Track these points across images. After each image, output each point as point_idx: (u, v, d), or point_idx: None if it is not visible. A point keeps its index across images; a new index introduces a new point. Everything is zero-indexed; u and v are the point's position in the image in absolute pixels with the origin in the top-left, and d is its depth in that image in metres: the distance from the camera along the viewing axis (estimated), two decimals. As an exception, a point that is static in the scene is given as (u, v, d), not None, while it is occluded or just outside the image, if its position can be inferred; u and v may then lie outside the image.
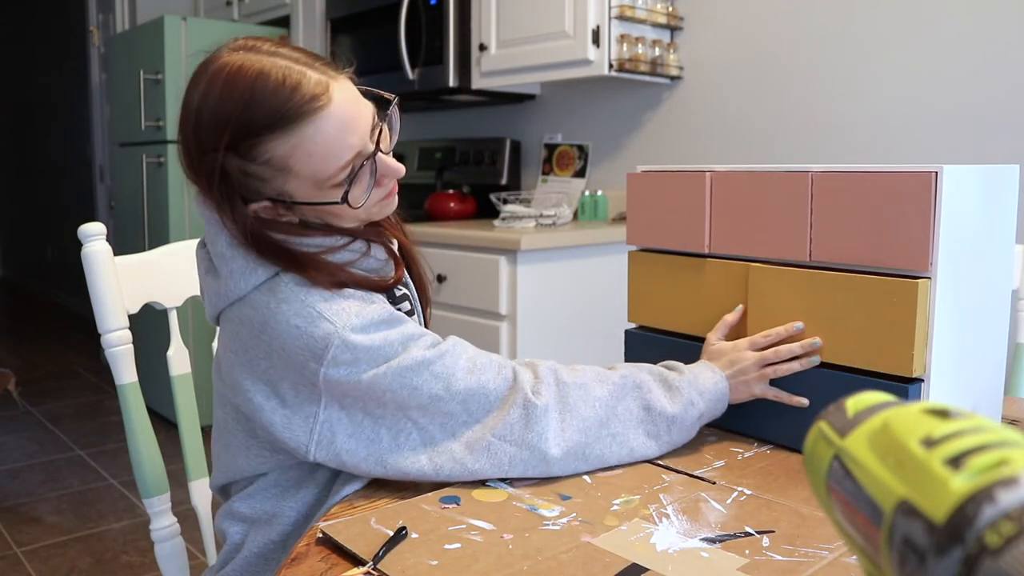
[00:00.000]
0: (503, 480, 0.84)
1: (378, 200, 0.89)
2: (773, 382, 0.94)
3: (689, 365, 0.95)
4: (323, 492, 0.90)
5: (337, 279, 0.84)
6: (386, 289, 0.91)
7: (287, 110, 0.79)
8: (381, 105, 0.88)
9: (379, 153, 0.85)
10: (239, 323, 0.84)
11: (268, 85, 0.79)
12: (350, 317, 0.80)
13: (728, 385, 0.93)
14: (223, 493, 0.98)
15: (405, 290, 0.97)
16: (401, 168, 0.88)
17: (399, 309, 0.92)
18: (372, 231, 0.94)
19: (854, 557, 0.66)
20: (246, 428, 0.89)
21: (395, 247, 0.97)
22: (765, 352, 0.93)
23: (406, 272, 1.00)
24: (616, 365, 0.94)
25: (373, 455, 0.83)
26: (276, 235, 0.85)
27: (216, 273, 0.86)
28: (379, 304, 0.85)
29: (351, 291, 0.84)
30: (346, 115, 0.82)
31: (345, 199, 0.84)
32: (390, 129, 0.88)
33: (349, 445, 0.83)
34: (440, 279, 2.29)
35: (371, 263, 0.89)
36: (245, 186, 0.83)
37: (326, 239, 0.87)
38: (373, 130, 0.85)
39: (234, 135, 0.79)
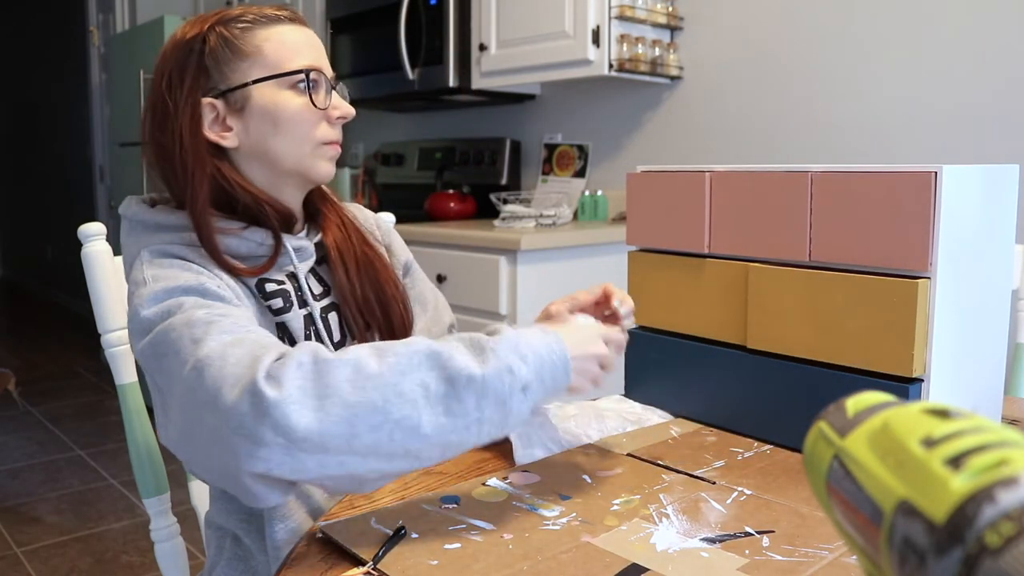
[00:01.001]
0: (502, 479, 0.84)
1: (325, 139, 0.93)
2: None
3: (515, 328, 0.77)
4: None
5: (203, 241, 0.87)
6: (241, 274, 0.89)
7: (272, 12, 0.93)
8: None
9: (334, 88, 0.95)
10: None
11: (257, 7, 0.94)
12: (159, 284, 0.81)
13: (567, 348, 0.75)
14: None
15: (284, 286, 0.93)
16: (351, 110, 0.96)
17: (268, 304, 0.91)
18: (274, 212, 0.92)
19: (854, 557, 0.66)
20: None
21: (302, 242, 0.95)
22: (606, 350, 0.81)
23: (327, 275, 0.99)
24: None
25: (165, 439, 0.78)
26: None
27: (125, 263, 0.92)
28: (189, 274, 0.83)
29: (180, 261, 0.85)
30: (316, 42, 0.95)
31: (311, 97, 0.91)
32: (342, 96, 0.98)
33: (161, 421, 0.78)
34: (440, 279, 2.29)
35: (240, 245, 0.90)
36: (221, 67, 0.90)
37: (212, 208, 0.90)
38: (335, 78, 0.96)
39: (223, 16, 0.92)
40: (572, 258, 2.27)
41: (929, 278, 0.83)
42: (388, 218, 1.35)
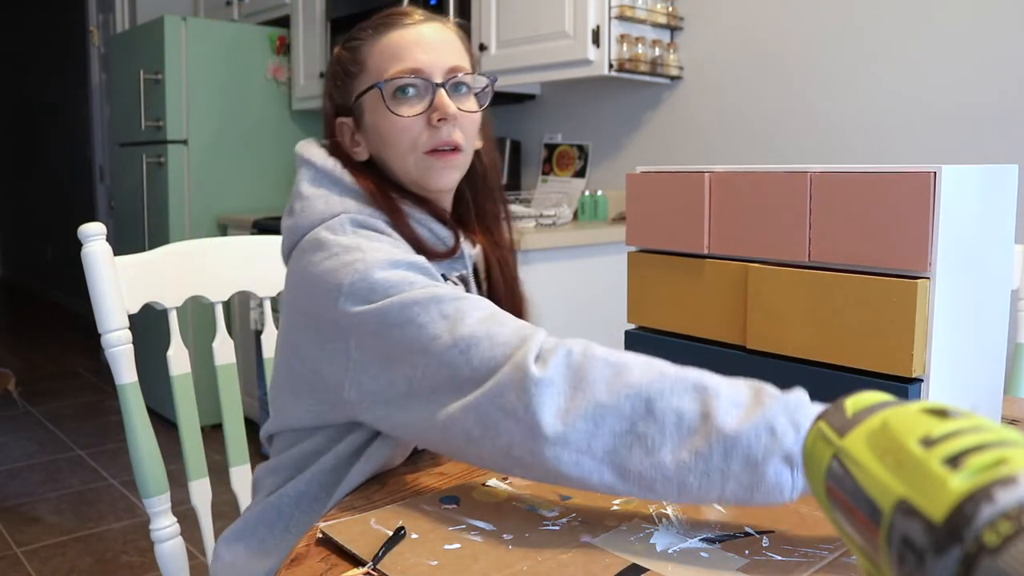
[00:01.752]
0: (502, 480, 0.84)
1: (427, 146, 0.90)
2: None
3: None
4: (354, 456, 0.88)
5: (393, 222, 0.87)
6: (433, 259, 0.90)
7: (385, 18, 0.92)
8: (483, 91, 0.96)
9: (440, 87, 0.90)
10: (296, 259, 0.86)
11: (384, 12, 0.94)
12: (379, 254, 0.80)
13: None
14: (269, 443, 0.99)
15: (458, 285, 0.95)
16: (452, 107, 0.90)
17: None
18: (438, 210, 0.93)
19: (854, 557, 0.66)
20: (296, 373, 0.89)
21: (466, 246, 0.96)
22: None
23: (475, 283, 0.99)
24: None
25: (388, 403, 0.76)
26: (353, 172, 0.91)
27: (291, 212, 0.90)
28: (402, 251, 0.83)
29: (389, 239, 0.85)
30: (428, 39, 0.91)
31: (387, 103, 0.89)
32: (476, 96, 0.95)
33: (373, 387, 0.78)
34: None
35: (426, 234, 0.91)
36: (341, 87, 0.94)
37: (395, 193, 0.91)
38: (452, 72, 0.91)
39: (349, 34, 0.95)
40: (572, 258, 2.27)
41: (929, 278, 0.83)
42: None
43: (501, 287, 0.99)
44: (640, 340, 1.09)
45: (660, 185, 1.05)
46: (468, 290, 0.95)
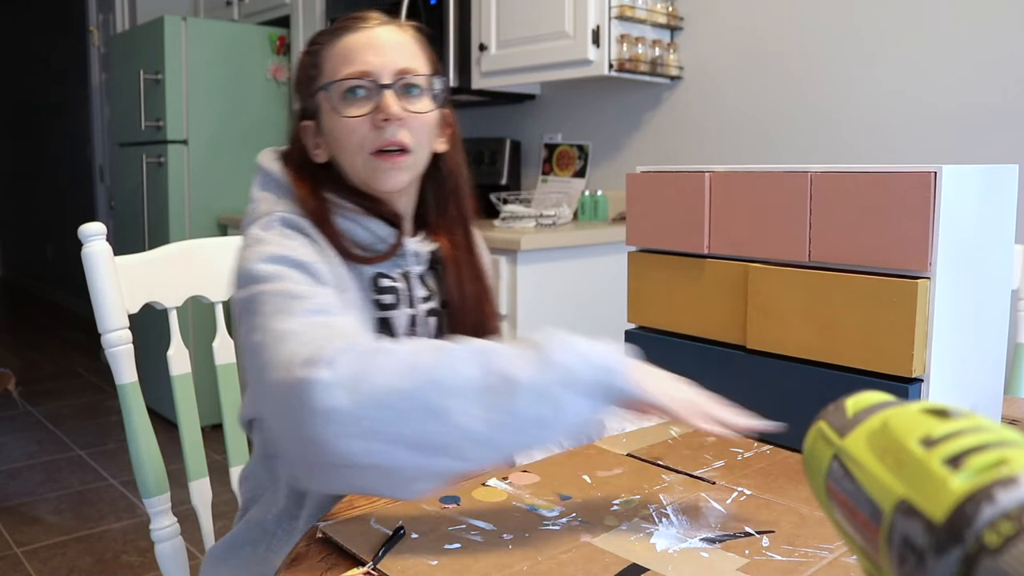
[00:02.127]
0: (502, 479, 0.84)
1: (373, 147, 0.91)
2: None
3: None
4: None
5: (316, 223, 0.90)
6: (356, 261, 0.91)
7: (344, 21, 0.94)
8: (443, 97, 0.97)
9: (387, 89, 0.90)
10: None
11: (346, 15, 0.96)
12: (271, 247, 0.84)
13: (629, 365, 0.69)
14: (248, 429, 1.01)
15: (397, 284, 0.96)
16: (395, 108, 0.89)
17: (379, 299, 0.93)
18: (386, 210, 0.95)
19: (854, 557, 0.66)
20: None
21: (413, 243, 0.97)
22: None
23: (436, 281, 1.00)
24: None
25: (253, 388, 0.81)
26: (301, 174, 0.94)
27: (245, 214, 0.95)
28: (307, 250, 0.85)
29: (303, 237, 0.87)
30: (380, 41, 0.92)
31: (334, 104, 0.90)
32: (435, 99, 0.95)
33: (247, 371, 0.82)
34: (440, 279, 2.29)
35: (363, 233, 0.93)
36: (304, 91, 0.96)
37: (334, 194, 0.93)
38: (401, 74, 0.92)
39: (311, 41, 0.97)
40: (572, 258, 2.27)
41: (929, 278, 0.83)
42: None
43: (455, 289, 1.00)
44: (640, 340, 1.09)
45: (660, 185, 1.05)
46: (410, 286, 0.96)
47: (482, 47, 2.64)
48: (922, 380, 0.85)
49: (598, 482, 0.84)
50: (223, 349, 1.23)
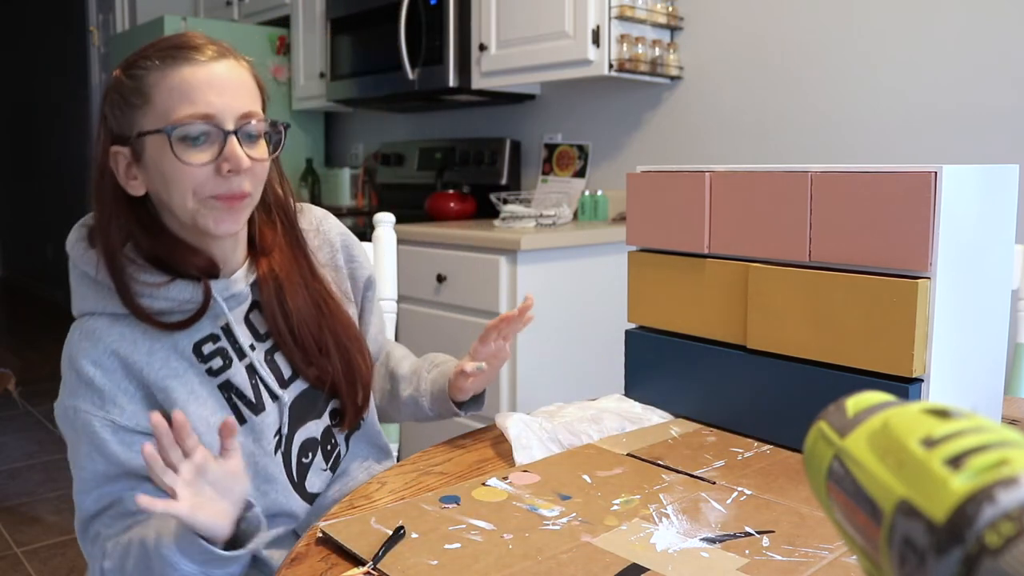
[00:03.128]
0: (502, 479, 0.84)
1: (213, 193, 0.85)
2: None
3: None
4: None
5: (124, 302, 0.88)
6: (165, 329, 0.89)
7: (174, 49, 0.85)
8: (274, 131, 0.91)
9: (233, 135, 0.84)
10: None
11: (171, 38, 0.87)
12: (71, 389, 0.90)
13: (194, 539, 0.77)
14: None
15: (220, 343, 0.92)
16: (244, 160, 0.85)
17: (208, 366, 0.91)
18: (196, 261, 0.90)
19: (854, 557, 0.66)
20: None
21: (221, 286, 0.92)
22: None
23: (261, 315, 0.96)
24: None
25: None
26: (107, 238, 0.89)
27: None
28: (92, 405, 0.88)
29: (96, 374, 0.88)
30: (221, 80, 0.85)
31: (174, 150, 0.83)
32: (269, 143, 0.90)
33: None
34: (440, 279, 2.29)
35: (162, 303, 0.89)
36: (119, 115, 0.86)
37: (133, 253, 0.90)
38: (245, 119, 0.86)
39: (129, 58, 0.87)
40: (572, 258, 2.27)
41: (929, 278, 0.83)
42: (387, 218, 1.35)
43: (279, 318, 0.95)
44: (640, 340, 1.09)
45: (660, 185, 1.05)
46: (232, 335, 0.93)
47: (482, 47, 2.64)
48: (922, 380, 0.85)
49: (598, 482, 0.84)
50: (223, 349, 1.23)
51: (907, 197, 0.83)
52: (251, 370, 0.94)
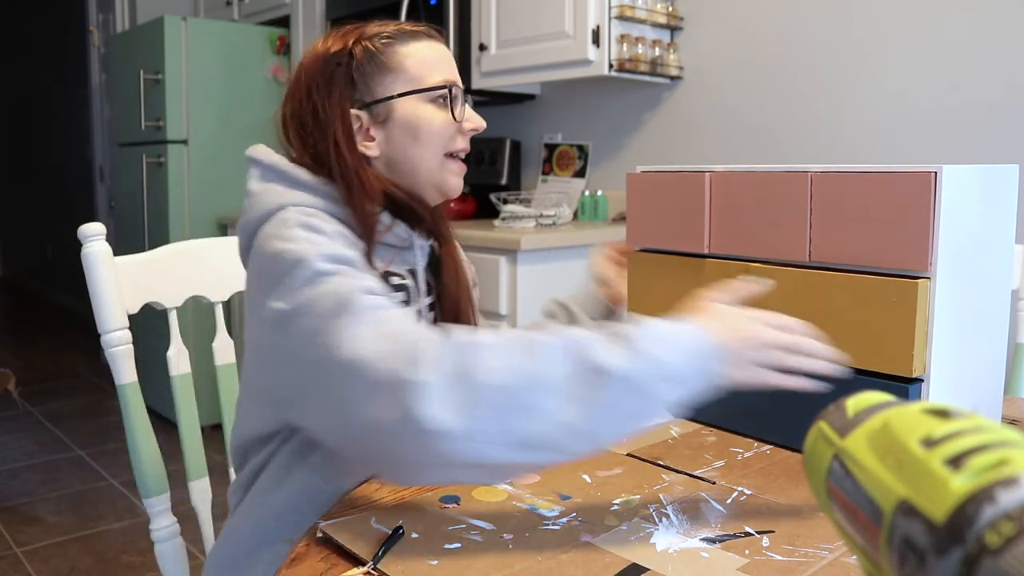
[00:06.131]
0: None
1: (453, 152, 0.97)
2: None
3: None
4: (323, 477, 0.89)
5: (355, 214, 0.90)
6: (376, 243, 0.91)
7: (407, 29, 0.97)
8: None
9: (467, 101, 0.99)
10: (252, 259, 0.86)
11: (393, 23, 0.99)
12: (320, 248, 0.79)
13: (718, 344, 0.71)
14: (236, 456, 0.98)
15: (406, 281, 0.97)
16: (482, 122, 1.00)
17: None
18: (412, 212, 0.96)
19: (854, 557, 0.66)
20: (250, 381, 0.92)
21: (418, 240, 0.99)
22: (784, 335, 0.74)
23: (433, 280, 1.02)
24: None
25: (301, 395, 0.75)
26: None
27: (243, 211, 0.90)
28: (340, 243, 0.83)
29: (333, 232, 0.84)
30: (449, 57, 0.99)
31: (452, 111, 0.96)
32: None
33: (281, 382, 0.78)
34: (440, 279, 2.29)
35: (388, 237, 0.94)
36: (360, 79, 0.94)
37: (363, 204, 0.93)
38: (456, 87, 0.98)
39: (365, 31, 0.96)
40: (572, 258, 2.27)
41: (929, 278, 0.83)
42: None
43: (452, 284, 1.02)
44: (640, 340, 1.09)
45: (660, 185, 1.05)
46: (417, 283, 0.98)
47: (482, 47, 2.64)
48: (922, 380, 0.85)
49: (598, 482, 0.84)
50: (223, 349, 1.23)
51: (907, 197, 0.82)
52: (416, 317, 0.94)
